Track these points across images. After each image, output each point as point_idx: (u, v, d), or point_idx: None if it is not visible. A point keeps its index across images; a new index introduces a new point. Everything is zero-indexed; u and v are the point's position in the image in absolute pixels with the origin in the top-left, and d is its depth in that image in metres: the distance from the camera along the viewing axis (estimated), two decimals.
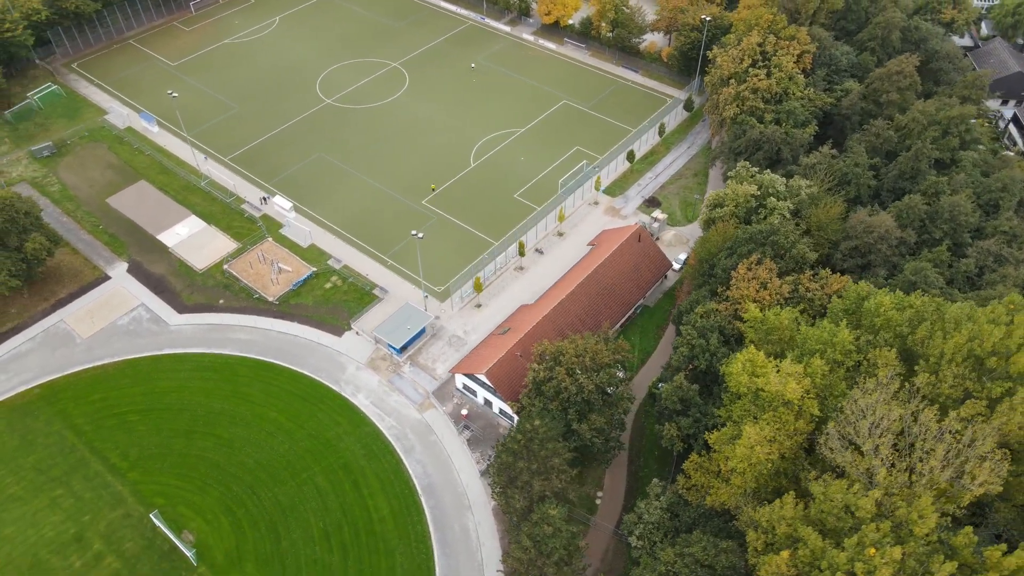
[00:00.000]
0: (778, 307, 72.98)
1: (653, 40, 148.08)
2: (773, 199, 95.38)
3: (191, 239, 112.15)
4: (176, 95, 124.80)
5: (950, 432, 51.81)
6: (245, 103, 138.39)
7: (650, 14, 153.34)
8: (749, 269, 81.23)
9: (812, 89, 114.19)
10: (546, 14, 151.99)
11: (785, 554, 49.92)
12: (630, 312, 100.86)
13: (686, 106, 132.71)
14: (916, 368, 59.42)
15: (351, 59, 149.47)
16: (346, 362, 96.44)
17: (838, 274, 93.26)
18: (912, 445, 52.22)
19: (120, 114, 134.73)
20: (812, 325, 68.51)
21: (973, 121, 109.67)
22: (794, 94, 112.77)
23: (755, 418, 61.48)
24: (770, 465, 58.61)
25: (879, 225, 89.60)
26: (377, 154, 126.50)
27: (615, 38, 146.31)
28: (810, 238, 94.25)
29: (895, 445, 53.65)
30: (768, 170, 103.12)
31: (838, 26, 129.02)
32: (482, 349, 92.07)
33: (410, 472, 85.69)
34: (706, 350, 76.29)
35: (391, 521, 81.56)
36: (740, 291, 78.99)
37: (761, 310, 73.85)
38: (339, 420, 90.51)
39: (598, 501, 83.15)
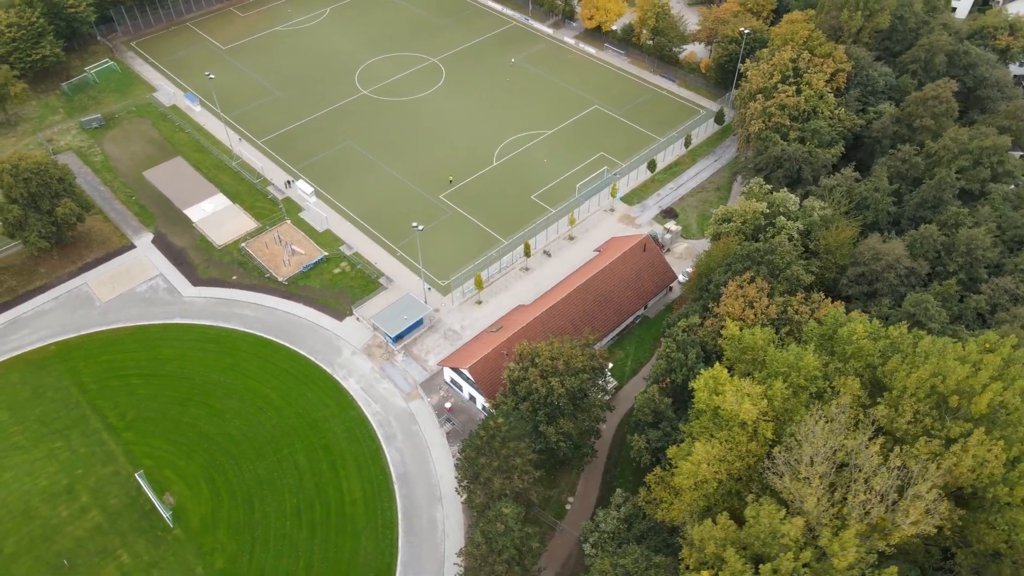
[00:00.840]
0: (759, 326, 71.38)
1: (693, 51, 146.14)
2: (783, 218, 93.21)
3: (215, 216, 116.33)
4: (212, 76, 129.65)
5: (893, 468, 49.90)
6: (285, 89, 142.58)
7: (693, 24, 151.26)
8: (740, 287, 79.67)
9: (843, 109, 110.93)
10: (588, 18, 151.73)
11: (706, 573, 49.02)
12: (629, 321, 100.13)
13: (716, 119, 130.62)
14: (878, 400, 57.40)
15: (392, 52, 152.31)
16: (343, 346, 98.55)
17: (836, 300, 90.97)
18: (853, 477, 50.51)
19: (167, 92, 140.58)
20: (788, 347, 66.69)
21: (1012, 153, 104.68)
22: (823, 113, 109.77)
23: (711, 436, 60.43)
24: (716, 484, 57.52)
25: (888, 253, 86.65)
26: (403, 146, 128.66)
27: (655, 46, 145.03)
28: (817, 261, 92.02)
29: (835, 475, 51.98)
30: (786, 189, 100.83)
31: (882, 46, 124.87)
32: (472, 345, 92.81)
33: (388, 459, 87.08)
34: (683, 364, 75.24)
35: (362, 505, 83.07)
36: (726, 308, 77.57)
37: (742, 329, 72.38)
38: (327, 402, 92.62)
39: (568, 506, 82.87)
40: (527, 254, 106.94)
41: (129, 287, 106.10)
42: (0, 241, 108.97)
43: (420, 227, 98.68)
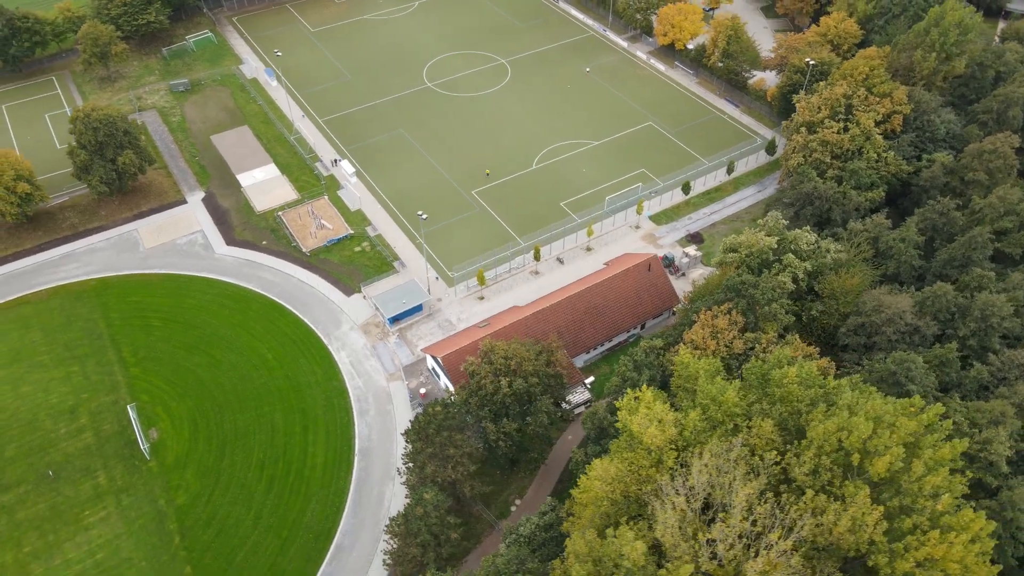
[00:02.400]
0: (710, 357, 69.65)
1: (763, 77, 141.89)
2: (792, 256, 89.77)
3: (262, 183, 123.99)
4: (280, 53, 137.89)
5: (758, 514, 47.90)
6: (357, 74, 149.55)
7: (767, 51, 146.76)
8: (714, 316, 77.76)
9: (892, 153, 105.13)
10: (663, 35, 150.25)
11: None
12: (623, 338, 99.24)
13: (768, 149, 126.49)
14: (788, 448, 55.08)
15: (464, 50, 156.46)
16: (344, 320, 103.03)
17: (834, 348, 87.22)
18: (716, 515, 48.91)
19: (251, 66, 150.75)
20: (715, 381, 64.68)
21: None
22: (867, 154, 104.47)
23: (621, 456, 59.85)
24: (606, 503, 56.97)
25: (890, 306, 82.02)
26: (450, 140, 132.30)
27: (724, 69, 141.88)
28: (820, 305, 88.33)
29: (704, 513, 50.40)
30: (809, 227, 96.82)
31: (957, 92, 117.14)
32: (457, 336, 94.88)
33: (356, 432, 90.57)
34: (636, 383, 74.34)
35: (321, 469, 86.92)
36: (691, 335, 75.99)
37: (697, 357, 70.82)
38: (316, 369, 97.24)
39: (513, 508, 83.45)
40: (536, 258, 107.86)
41: (172, 238, 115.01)
42: (71, 183, 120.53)
43: (424, 216, 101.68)
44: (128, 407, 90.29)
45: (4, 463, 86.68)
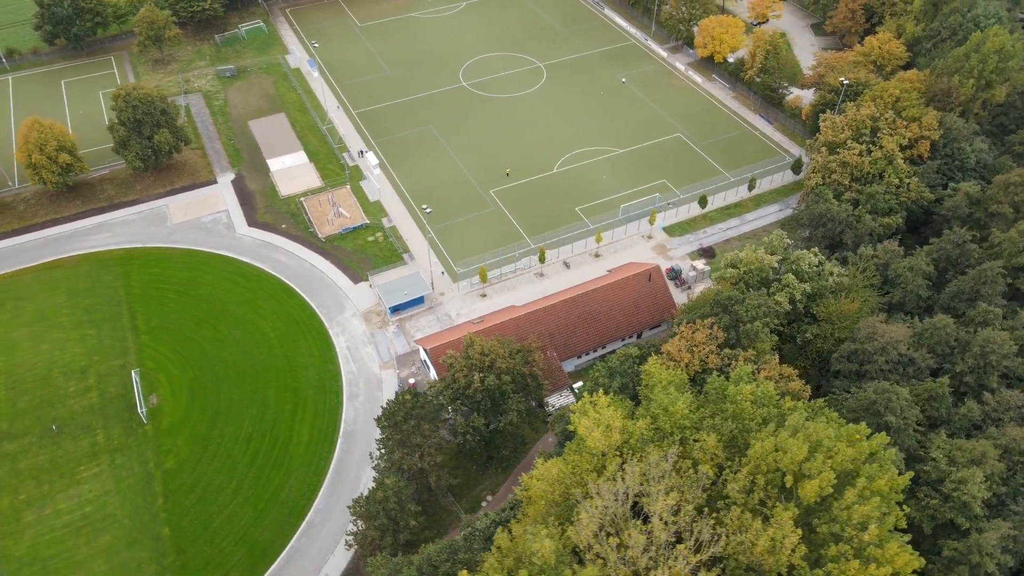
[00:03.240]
0: (684, 368, 69.14)
1: (799, 95, 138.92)
2: (792, 276, 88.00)
3: (290, 169, 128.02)
4: (317, 45, 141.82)
5: (672, 524, 47.49)
6: (397, 69, 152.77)
7: (809, 68, 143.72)
8: (696, 331, 77.03)
9: (915, 179, 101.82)
10: (703, 47, 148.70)
11: (463, 573, 49.54)
12: (618, 346, 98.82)
13: (794, 168, 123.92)
14: (729, 465, 54.34)
15: (504, 51, 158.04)
16: (347, 306, 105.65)
17: (827, 373, 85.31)
18: (631, 524, 48.64)
19: (296, 56, 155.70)
20: (667, 391, 64.18)
21: None
22: (888, 179, 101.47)
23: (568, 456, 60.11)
24: (542, 503, 57.26)
25: (884, 334, 79.61)
26: (475, 139, 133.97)
27: (761, 84, 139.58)
28: (815, 328, 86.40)
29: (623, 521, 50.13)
30: (818, 249, 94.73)
31: (995, 121, 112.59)
32: (450, 331, 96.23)
33: (342, 415, 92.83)
34: (608, 389, 74.27)
35: (304, 448, 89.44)
36: (668, 347, 75.47)
37: (669, 368, 70.40)
38: (313, 351, 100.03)
39: (484, 504, 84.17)
40: (541, 260, 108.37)
41: (198, 215, 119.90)
42: (112, 157, 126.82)
43: (429, 209, 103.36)
44: (132, 372, 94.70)
45: (15, 413, 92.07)
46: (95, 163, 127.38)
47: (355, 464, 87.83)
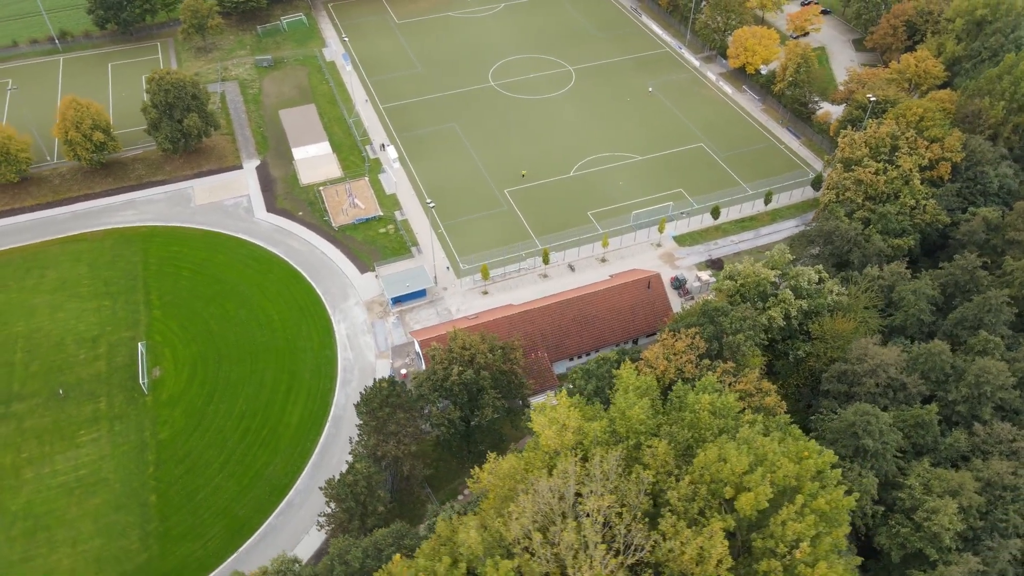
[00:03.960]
0: (660, 375, 68.83)
1: (828, 110, 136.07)
2: (789, 292, 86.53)
3: (313, 159, 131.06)
4: (347, 39, 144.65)
5: (597, 524, 47.35)
6: (427, 67, 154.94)
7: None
8: (676, 339, 76.49)
9: (932, 201, 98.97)
10: (735, 57, 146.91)
11: (397, 557, 50.39)
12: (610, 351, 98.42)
13: (814, 184, 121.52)
14: (676, 473, 53.94)
15: (535, 54, 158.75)
16: (351, 295, 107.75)
17: (817, 392, 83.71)
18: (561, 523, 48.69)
19: (332, 49, 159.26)
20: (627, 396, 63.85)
21: None
22: (904, 199, 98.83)
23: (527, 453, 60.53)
24: (492, 497, 57.69)
25: (875, 356, 77.80)
26: (496, 138, 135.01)
27: (790, 97, 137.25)
28: (808, 346, 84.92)
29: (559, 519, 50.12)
30: (822, 267, 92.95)
31: None
32: (445, 325, 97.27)
33: (334, 400, 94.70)
34: (584, 391, 74.34)
35: (293, 429, 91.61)
36: (648, 353, 75.12)
37: (642, 374, 70.15)
38: (314, 336, 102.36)
39: (460, 496, 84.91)
40: (545, 261, 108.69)
41: (220, 198, 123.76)
42: (145, 139, 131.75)
43: (433, 204, 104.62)
44: (139, 344, 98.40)
45: (27, 376, 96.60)
46: (130, 143, 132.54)
47: (340, 448, 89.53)
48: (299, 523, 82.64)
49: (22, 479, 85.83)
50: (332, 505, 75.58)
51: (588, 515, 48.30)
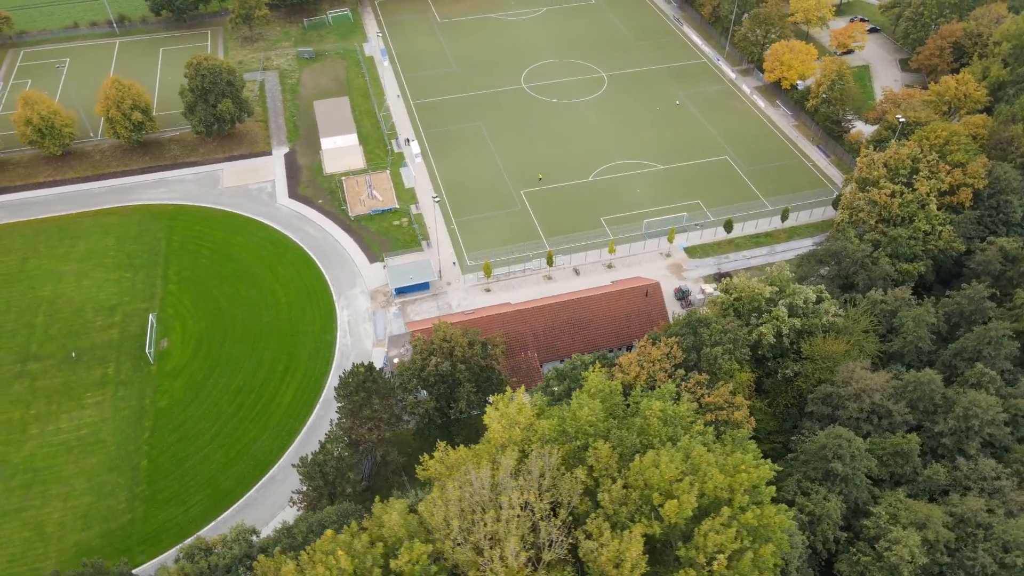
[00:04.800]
0: (631, 380, 68.77)
1: (860, 130, 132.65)
2: (783, 309, 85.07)
3: (339, 149, 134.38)
4: (379, 33, 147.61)
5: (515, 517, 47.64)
6: (464, 66, 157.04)
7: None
8: (656, 346, 76.11)
9: (948, 228, 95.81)
10: (770, 71, 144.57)
11: (330, 532, 51.71)
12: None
13: (835, 203, 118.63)
14: (615, 476, 53.87)
15: (570, 58, 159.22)
16: (358, 283, 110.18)
17: (803, 414, 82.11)
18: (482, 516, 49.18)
19: (372, 45, 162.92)
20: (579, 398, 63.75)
21: None
22: (918, 224, 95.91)
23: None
24: (436, 486, 58.59)
25: (860, 380, 75.94)
26: (519, 139, 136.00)
27: (822, 115, 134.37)
28: (797, 366, 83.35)
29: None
30: (823, 287, 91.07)
31: None
32: (441, 318, 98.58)
33: (327, 384, 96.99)
34: (555, 393, 74.67)
35: (284, 408, 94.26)
36: (623, 359, 74.97)
37: (611, 379, 70.19)
38: (317, 321, 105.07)
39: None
40: (549, 263, 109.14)
41: (246, 182, 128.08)
42: (183, 121, 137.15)
43: (438, 198, 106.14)
44: (150, 316, 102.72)
45: (46, 338, 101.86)
46: (170, 125, 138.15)
47: (326, 430, 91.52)
48: (278, 498, 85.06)
49: (28, 434, 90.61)
50: (304, 483, 77.62)
51: (503, 507, 48.72)
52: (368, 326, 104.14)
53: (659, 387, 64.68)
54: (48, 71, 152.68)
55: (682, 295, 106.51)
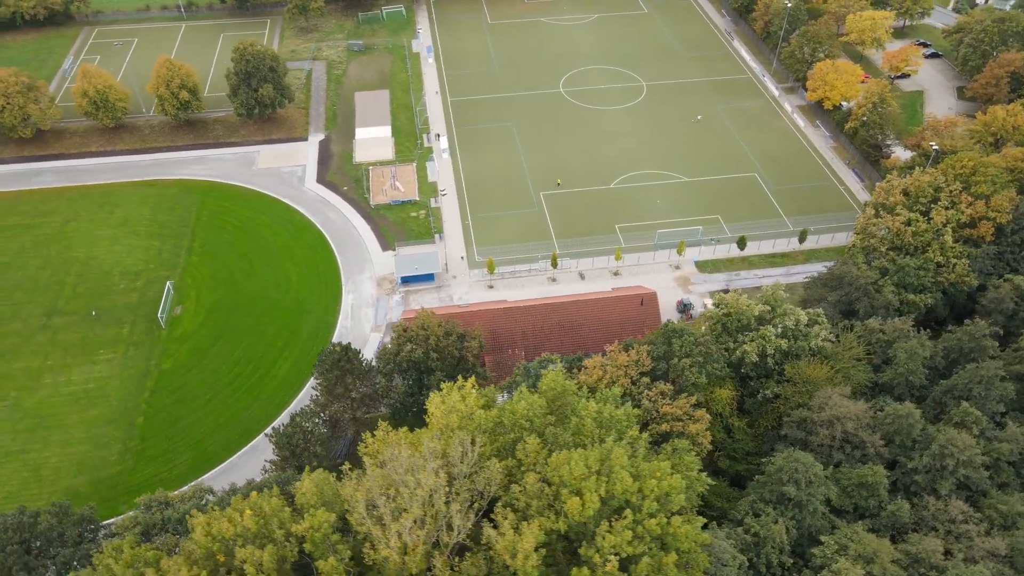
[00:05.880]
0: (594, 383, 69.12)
1: (899, 156, 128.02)
2: (771, 329, 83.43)
3: (371, 140, 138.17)
4: (421, 30, 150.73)
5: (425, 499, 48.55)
6: (504, 68, 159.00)
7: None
8: (625, 352, 75.94)
9: (963, 261, 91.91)
10: (813, 90, 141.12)
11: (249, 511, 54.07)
12: None
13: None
14: (538, 471, 54.28)
15: (613, 66, 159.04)
16: (367, 269, 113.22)
17: (780, 436, 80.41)
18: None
19: (421, 41, 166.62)
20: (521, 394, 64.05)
21: None
22: (931, 255, 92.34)
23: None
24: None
25: (835, 407, 73.90)
26: (547, 142, 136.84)
27: (861, 138, 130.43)
28: (778, 387, 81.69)
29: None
30: (821, 311, 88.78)
31: None
32: (439, 310, 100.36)
33: None
34: (517, 386, 75.34)
35: (278, 381, 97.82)
36: (590, 362, 75.11)
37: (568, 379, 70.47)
38: (322, 302, 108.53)
39: None
40: (554, 265, 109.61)
41: (279, 165, 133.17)
42: (228, 103, 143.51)
43: (444, 191, 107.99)
44: (167, 283, 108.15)
45: (73, 295, 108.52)
46: (214, 106, 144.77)
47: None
48: (256, 465, 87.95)
49: (41, 382, 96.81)
50: (276, 452, 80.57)
51: (408, 486, 49.90)
52: (370, 311, 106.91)
53: (605, 391, 64.62)
54: (116, 49, 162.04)
55: (683, 308, 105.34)
